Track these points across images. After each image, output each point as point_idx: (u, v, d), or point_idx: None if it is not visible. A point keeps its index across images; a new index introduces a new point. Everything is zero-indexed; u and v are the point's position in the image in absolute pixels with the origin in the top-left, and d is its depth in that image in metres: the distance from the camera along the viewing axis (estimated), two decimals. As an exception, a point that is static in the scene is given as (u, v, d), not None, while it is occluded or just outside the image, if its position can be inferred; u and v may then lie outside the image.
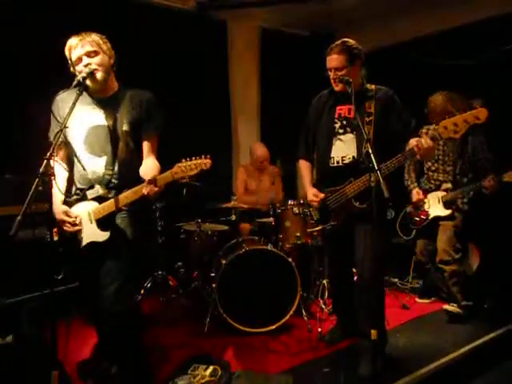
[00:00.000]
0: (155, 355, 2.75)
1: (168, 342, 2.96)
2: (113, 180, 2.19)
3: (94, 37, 2.13)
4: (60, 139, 2.04)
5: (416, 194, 3.50)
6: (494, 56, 3.92)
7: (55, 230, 2.10)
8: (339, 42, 2.52)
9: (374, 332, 2.03)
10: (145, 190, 2.05)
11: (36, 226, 2.04)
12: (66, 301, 3.17)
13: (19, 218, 1.58)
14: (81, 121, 2.18)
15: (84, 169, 2.20)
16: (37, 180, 1.70)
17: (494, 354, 2.86)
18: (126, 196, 2.10)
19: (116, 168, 2.19)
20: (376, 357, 2.26)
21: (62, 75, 2.15)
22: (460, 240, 3.29)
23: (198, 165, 2.04)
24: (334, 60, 2.49)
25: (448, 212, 3.31)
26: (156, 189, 2.05)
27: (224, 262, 3.10)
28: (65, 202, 2.19)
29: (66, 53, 2.13)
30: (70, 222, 2.13)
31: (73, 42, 2.10)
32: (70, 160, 2.26)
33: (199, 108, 4.57)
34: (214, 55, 4.79)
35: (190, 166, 2.04)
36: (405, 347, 2.82)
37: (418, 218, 3.50)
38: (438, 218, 3.37)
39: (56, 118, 2.17)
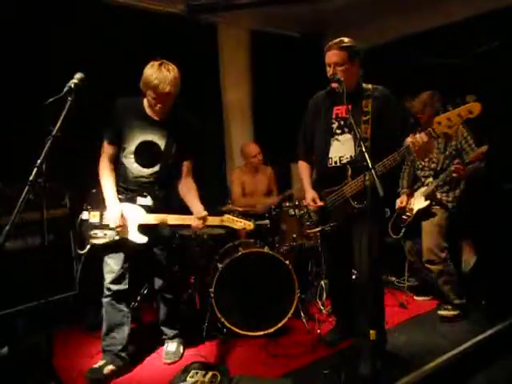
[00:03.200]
0: (153, 363, 2.72)
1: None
2: (157, 192, 2.48)
3: (175, 80, 2.48)
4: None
5: (398, 203, 3.56)
6: (482, 52, 3.94)
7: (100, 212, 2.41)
8: (338, 39, 2.50)
9: (372, 332, 2.02)
10: (192, 222, 2.37)
11: (27, 235, 2.00)
12: (63, 310, 3.14)
13: (7, 228, 1.53)
14: (137, 132, 2.45)
15: (132, 174, 2.47)
16: (26, 188, 1.64)
17: (493, 350, 2.85)
18: (175, 219, 2.41)
19: (160, 182, 2.49)
20: (376, 357, 2.24)
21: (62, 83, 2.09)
22: (447, 238, 3.27)
23: (244, 224, 2.47)
24: (334, 55, 2.47)
25: (426, 203, 3.31)
26: (202, 226, 2.37)
27: (220, 265, 3.07)
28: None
29: (145, 86, 2.39)
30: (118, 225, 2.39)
31: (158, 82, 2.35)
32: (117, 159, 2.51)
33: (191, 112, 4.54)
34: (204, 58, 4.77)
35: (237, 221, 2.46)
36: (404, 346, 2.82)
37: (405, 217, 3.53)
38: (421, 213, 3.36)
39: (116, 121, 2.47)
